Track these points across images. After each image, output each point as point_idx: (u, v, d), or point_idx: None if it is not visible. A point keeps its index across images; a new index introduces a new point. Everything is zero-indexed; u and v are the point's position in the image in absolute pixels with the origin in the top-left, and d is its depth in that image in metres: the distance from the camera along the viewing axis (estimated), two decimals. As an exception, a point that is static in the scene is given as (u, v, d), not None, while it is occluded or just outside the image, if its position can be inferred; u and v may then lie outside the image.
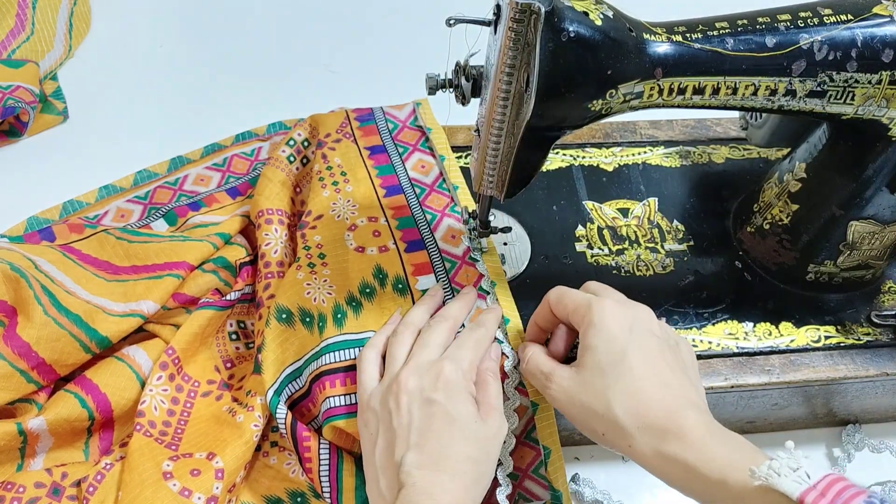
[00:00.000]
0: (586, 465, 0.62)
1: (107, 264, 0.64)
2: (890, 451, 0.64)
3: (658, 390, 0.45)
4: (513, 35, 0.43)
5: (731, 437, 0.43)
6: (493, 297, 0.59)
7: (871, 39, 0.48)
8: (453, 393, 0.47)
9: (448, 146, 0.70)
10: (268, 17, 1.02)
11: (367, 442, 0.49)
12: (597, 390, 0.45)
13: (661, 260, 0.65)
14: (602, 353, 0.46)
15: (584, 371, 0.46)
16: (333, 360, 0.55)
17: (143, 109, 0.88)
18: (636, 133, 0.76)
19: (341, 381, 0.54)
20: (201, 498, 0.52)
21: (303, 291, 0.58)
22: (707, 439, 0.42)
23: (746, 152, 0.74)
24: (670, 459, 0.43)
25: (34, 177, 0.79)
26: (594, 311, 0.47)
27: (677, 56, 0.48)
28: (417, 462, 0.44)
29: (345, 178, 0.67)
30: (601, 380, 0.45)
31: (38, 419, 0.54)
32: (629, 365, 0.45)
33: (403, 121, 0.74)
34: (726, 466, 0.41)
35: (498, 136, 0.49)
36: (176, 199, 0.74)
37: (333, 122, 0.73)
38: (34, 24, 0.88)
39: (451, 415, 0.46)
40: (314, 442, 0.53)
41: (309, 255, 0.61)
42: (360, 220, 0.64)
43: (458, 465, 0.45)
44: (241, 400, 0.59)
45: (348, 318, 0.57)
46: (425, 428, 0.46)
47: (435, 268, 0.60)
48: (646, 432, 0.44)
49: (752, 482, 0.39)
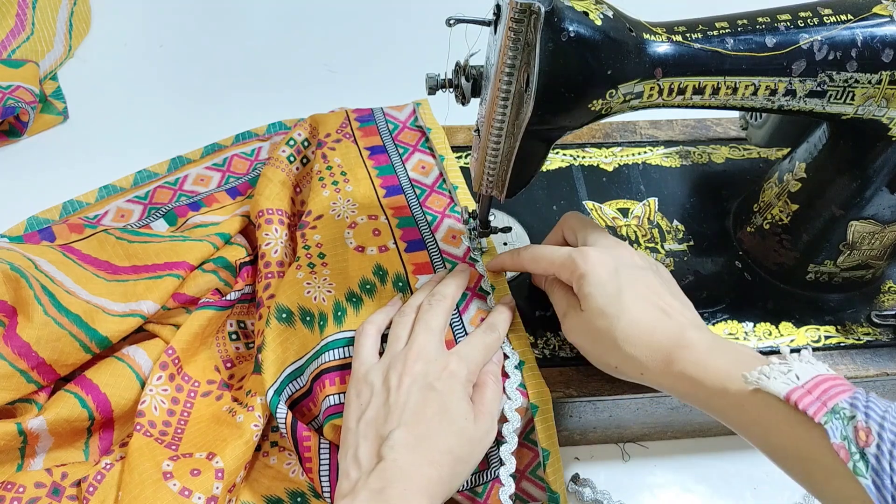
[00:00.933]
0: (586, 465, 0.62)
1: (107, 264, 0.64)
2: (890, 451, 0.64)
3: (658, 319, 0.49)
4: (513, 35, 0.43)
5: (732, 349, 0.46)
6: (493, 298, 0.59)
7: (871, 39, 0.48)
8: (454, 387, 0.48)
9: (448, 146, 0.70)
10: (268, 17, 1.02)
11: (353, 410, 0.49)
12: (602, 330, 0.49)
13: (661, 260, 0.65)
14: (599, 297, 0.50)
15: (588, 315, 0.50)
16: (333, 358, 0.55)
17: (143, 109, 0.88)
18: (636, 133, 0.76)
19: (340, 380, 0.54)
20: (201, 498, 0.52)
21: (303, 290, 0.58)
22: (709, 354, 0.46)
23: (746, 152, 0.74)
24: (678, 377, 0.46)
25: (34, 177, 0.79)
26: (579, 265, 0.51)
27: (677, 56, 0.48)
28: (403, 440, 0.45)
29: (345, 178, 0.67)
30: (604, 321, 0.49)
31: (38, 419, 0.54)
32: (626, 303, 0.49)
33: (403, 121, 0.74)
34: (726, 377, 0.44)
35: (498, 136, 0.49)
36: (176, 199, 0.74)
37: (333, 122, 0.73)
38: (34, 24, 0.88)
39: (446, 406, 0.47)
40: (314, 442, 0.53)
41: (309, 255, 0.61)
42: (360, 217, 0.64)
43: (439, 455, 0.46)
44: (242, 400, 0.59)
45: (348, 315, 0.57)
46: (419, 411, 0.47)
47: (435, 268, 0.61)
48: (655, 359, 0.48)
49: (747, 388, 0.42)
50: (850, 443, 0.38)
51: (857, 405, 0.39)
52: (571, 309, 0.53)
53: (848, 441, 0.38)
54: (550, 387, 0.56)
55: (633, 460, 0.63)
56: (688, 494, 0.61)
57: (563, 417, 0.59)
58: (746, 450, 0.64)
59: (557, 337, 0.59)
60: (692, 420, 0.62)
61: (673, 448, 0.64)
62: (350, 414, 0.50)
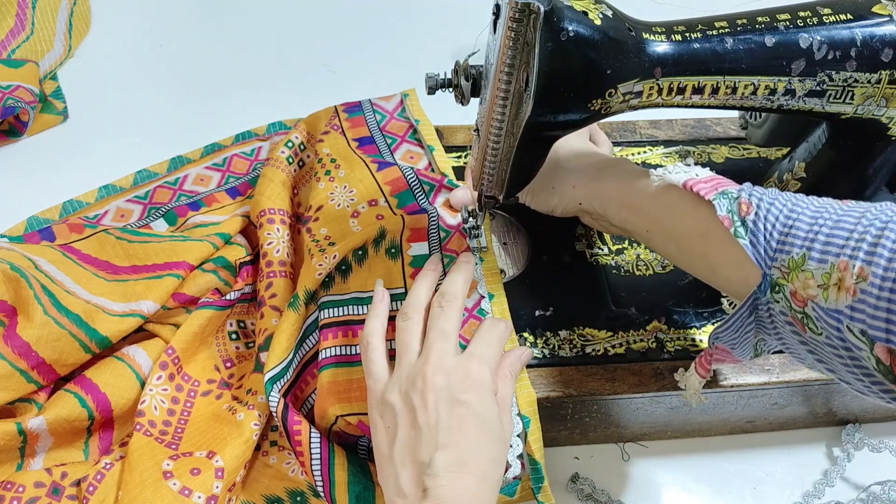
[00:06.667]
0: (586, 464, 0.62)
1: (107, 264, 0.64)
2: (889, 451, 0.64)
3: (589, 147, 0.63)
4: (512, 34, 0.43)
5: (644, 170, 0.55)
6: (489, 301, 0.58)
7: (871, 39, 0.48)
8: (483, 394, 0.47)
9: (436, 138, 0.71)
10: (268, 16, 1.02)
11: (381, 435, 0.48)
12: (548, 163, 0.55)
13: (661, 259, 0.65)
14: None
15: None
16: (328, 316, 0.57)
17: (143, 109, 0.88)
18: (636, 133, 0.76)
19: (337, 334, 0.56)
20: (201, 497, 0.52)
21: (315, 273, 0.59)
22: (628, 164, 0.58)
23: (746, 152, 0.74)
24: (605, 183, 0.57)
25: (34, 177, 0.79)
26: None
27: (676, 55, 0.48)
28: (446, 464, 0.44)
29: (335, 164, 0.67)
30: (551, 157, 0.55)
31: (38, 419, 0.54)
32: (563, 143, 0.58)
33: (391, 112, 0.74)
34: (644, 181, 0.53)
35: (497, 135, 0.49)
36: (176, 198, 0.74)
37: (324, 118, 0.74)
38: (34, 23, 0.88)
39: (482, 416, 0.46)
40: (305, 434, 0.53)
41: (319, 245, 0.61)
42: (361, 206, 0.63)
43: (486, 467, 0.45)
44: (242, 398, 0.59)
45: (336, 283, 0.58)
46: (455, 429, 0.45)
47: (430, 236, 0.60)
48: (587, 175, 0.58)
49: (655, 182, 0.52)
50: (733, 214, 0.45)
51: (743, 190, 0.47)
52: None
53: (732, 213, 0.46)
54: (551, 387, 0.56)
55: (632, 460, 0.63)
56: (687, 494, 0.61)
57: (562, 417, 0.59)
58: (746, 450, 0.64)
59: (557, 337, 0.59)
60: (692, 420, 0.62)
61: (673, 448, 0.64)
62: (379, 438, 0.48)
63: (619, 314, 0.61)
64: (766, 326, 0.46)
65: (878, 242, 0.38)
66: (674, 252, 0.53)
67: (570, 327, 0.60)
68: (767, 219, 0.44)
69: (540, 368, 0.57)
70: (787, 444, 0.65)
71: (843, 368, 0.42)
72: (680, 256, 0.52)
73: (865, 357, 0.39)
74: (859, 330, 0.38)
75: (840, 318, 0.39)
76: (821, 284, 0.40)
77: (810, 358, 0.45)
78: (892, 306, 0.37)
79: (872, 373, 0.39)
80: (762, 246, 0.44)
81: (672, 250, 0.53)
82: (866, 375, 0.40)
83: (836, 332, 0.40)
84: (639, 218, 0.54)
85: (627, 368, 0.58)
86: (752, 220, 0.44)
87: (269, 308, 0.61)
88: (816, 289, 0.41)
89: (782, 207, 0.44)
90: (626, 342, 0.59)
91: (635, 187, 0.54)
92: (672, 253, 0.53)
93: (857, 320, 0.38)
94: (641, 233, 0.55)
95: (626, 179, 0.56)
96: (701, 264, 0.50)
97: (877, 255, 0.38)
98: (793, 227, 0.43)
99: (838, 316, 0.39)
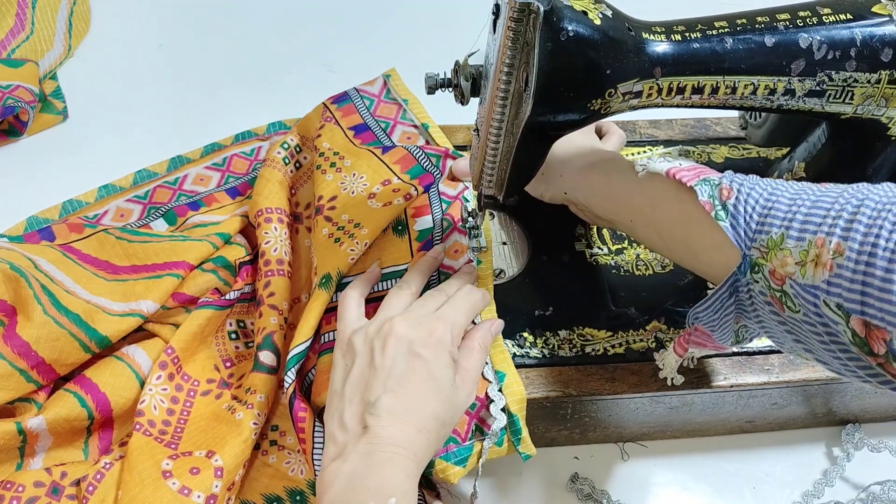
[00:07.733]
0: (585, 464, 0.62)
1: (106, 264, 0.64)
2: (889, 451, 0.64)
3: (583, 141, 0.62)
4: (512, 34, 0.43)
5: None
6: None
7: (870, 39, 0.48)
8: (440, 354, 0.49)
9: (427, 114, 0.72)
10: (267, 16, 1.02)
11: (339, 372, 0.50)
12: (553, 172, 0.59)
13: (661, 259, 0.65)
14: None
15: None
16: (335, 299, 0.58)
17: (143, 109, 0.88)
18: (636, 133, 0.76)
19: (336, 318, 0.56)
20: (201, 496, 0.52)
21: (347, 258, 0.60)
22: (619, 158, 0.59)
23: (746, 152, 0.74)
24: (595, 173, 0.58)
25: (34, 176, 0.79)
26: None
27: (676, 55, 0.48)
28: (389, 407, 0.46)
29: (339, 156, 0.68)
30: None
31: (38, 418, 0.54)
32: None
33: (377, 95, 0.75)
34: (630, 174, 0.53)
35: (497, 135, 0.49)
36: (175, 198, 0.74)
37: (315, 118, 0.74)
38: (34, 23, 0.88)
39: (432, 373, 0.48)
40: (308, 423, 0.54)
41: (346, 231, 0.61)
42: (376, 187, 0.64)
43: (427, 421, 0.47)
44: (241, 398, 0.59)
45: None
46: (405, 378, 0.47)
47: (432, 207, 0.61)
48: (578, 165, 0.59)
49: (640, 172, 0.52)
50: (714, 199, 0.46)
51: (725, 177, 0.47)
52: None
53: (713, 198, 0.46)
54: (550, 386, 0.56)
55: (632, 460, 0.63)
56: (687, 494, 0.61)
57: (562, 417, 0.59)
58: (746, 449, 0.64)
59: (557, 336, 0.59)
60: (692, 420, 0.62)
61: (672, 447, 0.64)
62: (336, 375, 0.51)
63: (618, 314, 0.61)
64: (746, 309, 0.47)
65: (853, 219, 0.39)
66: (656, 240, 0.53)
67: (569, 327, 0.60)
68: (748, 202, 0.45)
69: (539, 368, 0.57)
70: (786, 443, 0.65)
71: (821, 347, 0.42)
72: (662, 244, 0.53)
73: (842, 331, 0.40)
74: (836, 304, 0.39)
75: (817, 294, 0.40)
76: (798, 262, 0.41)
77: (789, 339, 0.46)
78: (867, 279, 0.37)
79: (849, 348, 0.40)
80: (742, 228, 0.45)
81: (654, 238, 0.53)
82: (843, 352, 0.41)
83: (813, 307, 0.41)
84: (622, 208, 0.55)
85: (627, 368, 0.58)
86: (732, 204, 0.45)
87: (268, 307, 0.61)
88: (794, 266, 0.41)
89: (762, 191, 0.45)
90: (626, 342, 0.59)
91: (620, 179, 0.55)
92: (654, 241, 0.53)
93: (834, 294, 0.39)
94: (625, 223, 0.55)
95: (611, 173, 0.57)
96: (683, 250, 0.51)
97: (853, 231, 0.39)
98: (772, 208, 0.44)
99: (815, 291, 0.40)
